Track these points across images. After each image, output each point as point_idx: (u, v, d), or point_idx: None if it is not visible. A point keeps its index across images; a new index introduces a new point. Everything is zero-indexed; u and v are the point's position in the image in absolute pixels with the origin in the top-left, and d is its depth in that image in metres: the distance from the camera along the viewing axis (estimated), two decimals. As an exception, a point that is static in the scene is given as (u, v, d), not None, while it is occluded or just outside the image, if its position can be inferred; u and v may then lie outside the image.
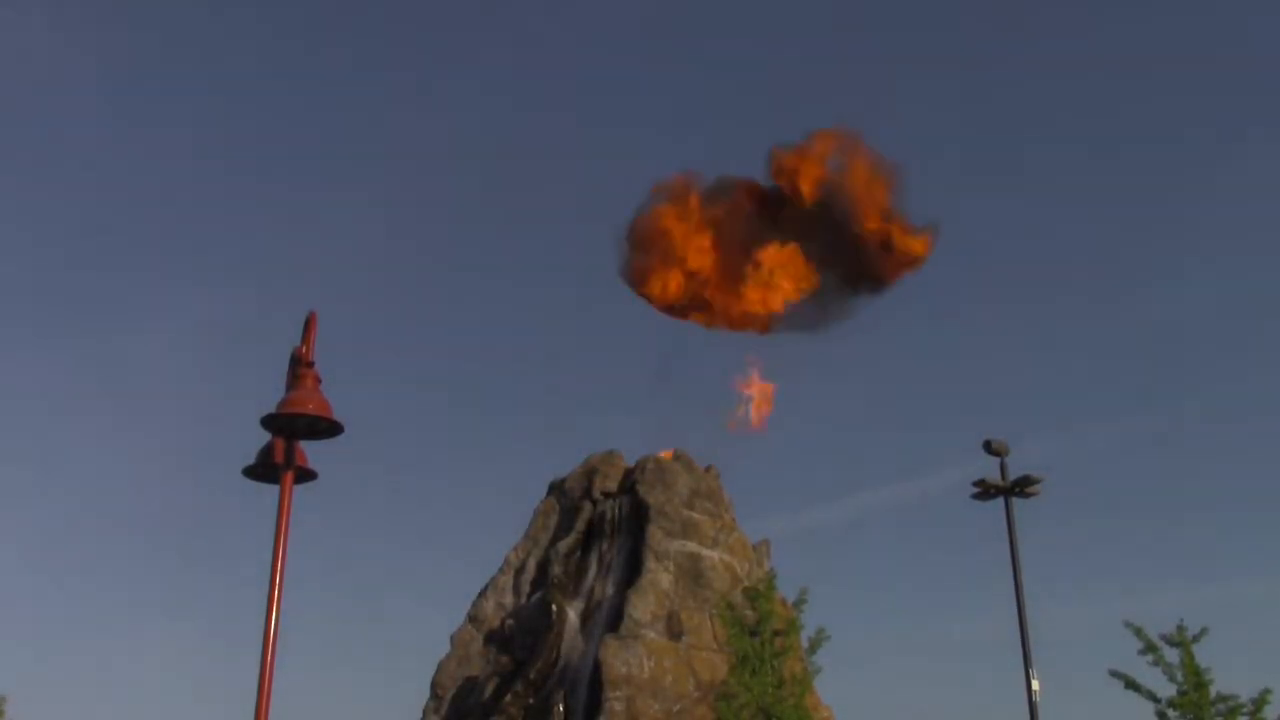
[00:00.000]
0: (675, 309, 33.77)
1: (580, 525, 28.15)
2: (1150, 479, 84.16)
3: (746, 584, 24.91)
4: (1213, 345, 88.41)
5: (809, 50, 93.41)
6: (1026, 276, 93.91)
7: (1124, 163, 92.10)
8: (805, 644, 22.20)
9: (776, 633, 21.61)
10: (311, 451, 9.62)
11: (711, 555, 26.46)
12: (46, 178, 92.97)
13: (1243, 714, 19.32)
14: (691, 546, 26.34)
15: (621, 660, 23.66)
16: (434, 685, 27.03)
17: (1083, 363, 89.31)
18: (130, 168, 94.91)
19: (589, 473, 29.25)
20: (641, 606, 24.73)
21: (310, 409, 9.21)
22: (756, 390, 31.99)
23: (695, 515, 27.06)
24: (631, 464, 28.99)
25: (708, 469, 29.13)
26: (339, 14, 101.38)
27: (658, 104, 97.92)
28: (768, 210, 33.68)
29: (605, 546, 27.44)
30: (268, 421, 9.33)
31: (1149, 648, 19.68)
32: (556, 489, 29.91)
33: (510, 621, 26.67)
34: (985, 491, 22.24)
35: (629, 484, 28.18)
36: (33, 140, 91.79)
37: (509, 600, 27.97)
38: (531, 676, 24.86)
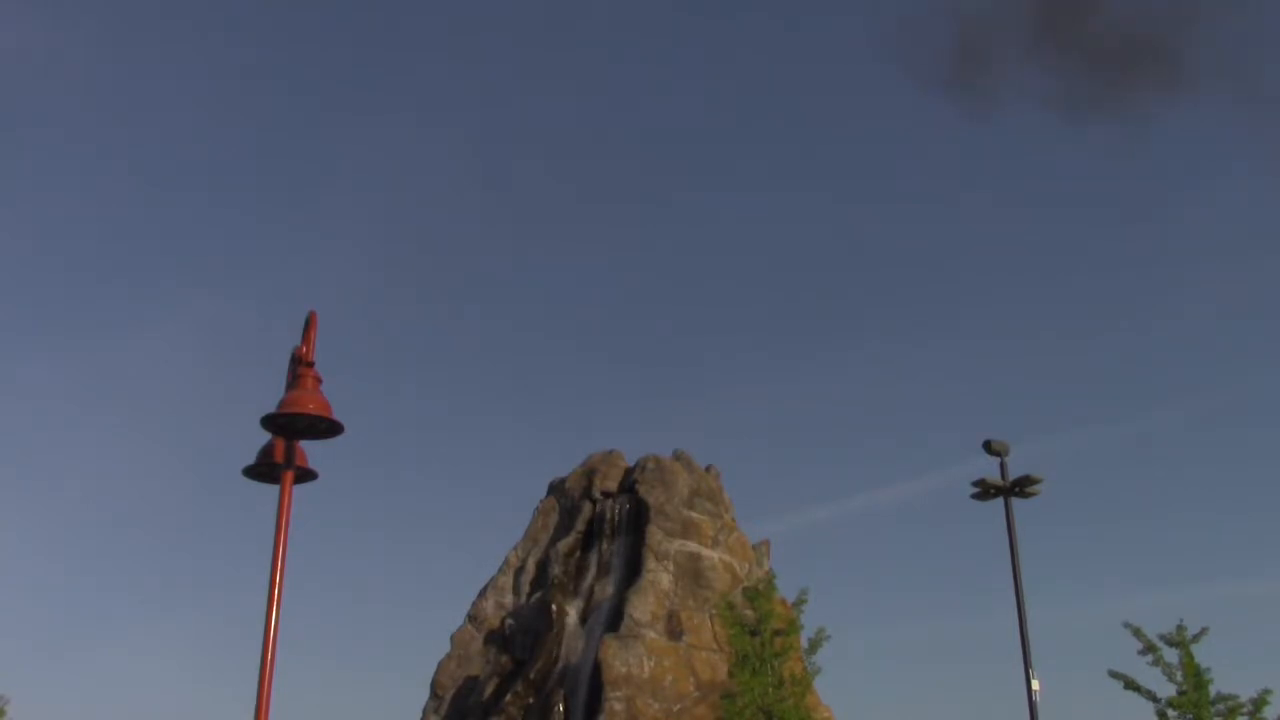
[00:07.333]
0: None
1: (580, 525, 28.13)
2: (1149, 480, 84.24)
3: (746, 584, 24.89)
4: (1212, 347, 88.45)
5: None
6: (1026, 278, 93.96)
7: (1124, 167, 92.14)
8: (805, 644, 22.20)
9: (776, 633, 21.60)
10: (311, 451, 9.60)
11: (711, 555, 26.43)
12: (46, 179, 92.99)
13: (1242, 714, 19.32)
14: (691, 546, 26.31)
15: (621, 660, 23.64)
16: (434, 685, 27.00)
17: (1083, 364, 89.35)
18: (130, 169, 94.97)
19: (589, 473, 29.22)
20: (641, 606, 24.70)
21: (310, 409, 9.17)
22: None
23: (695, 515, 27.03)
24: (631, 464, 28.97)
25: (708, 469, 29.09)
26: (338, 15, 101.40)
27: (657, 103, 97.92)
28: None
29: (605, 546, 27.40)
30: (268, 421, 9.30)
31: (1149, 648, 19.69)
32: (556, 489, 29.87)
33: (510, 621, 26.63)
34: (985, 491, 22.21)
35: (629, 484, 28.16)
36: (32, 141, 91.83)
37: (509, 600, 27.95)
38: (531, 676, 24.84)
